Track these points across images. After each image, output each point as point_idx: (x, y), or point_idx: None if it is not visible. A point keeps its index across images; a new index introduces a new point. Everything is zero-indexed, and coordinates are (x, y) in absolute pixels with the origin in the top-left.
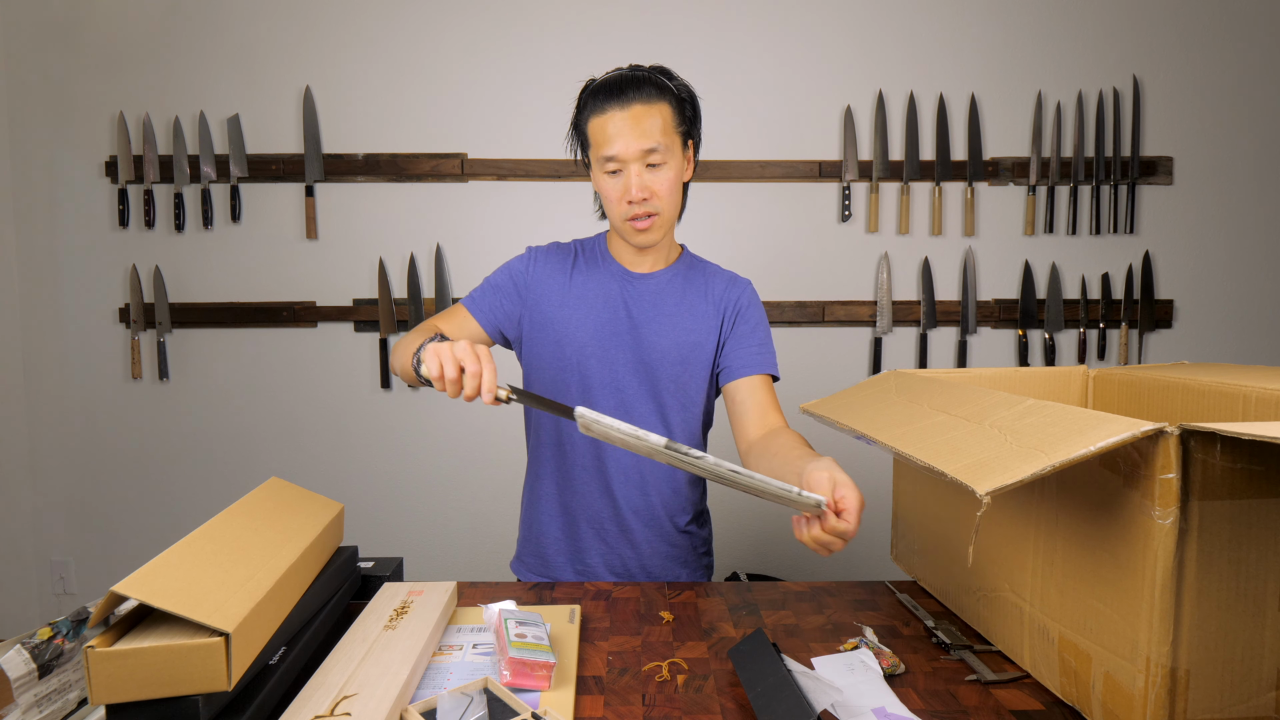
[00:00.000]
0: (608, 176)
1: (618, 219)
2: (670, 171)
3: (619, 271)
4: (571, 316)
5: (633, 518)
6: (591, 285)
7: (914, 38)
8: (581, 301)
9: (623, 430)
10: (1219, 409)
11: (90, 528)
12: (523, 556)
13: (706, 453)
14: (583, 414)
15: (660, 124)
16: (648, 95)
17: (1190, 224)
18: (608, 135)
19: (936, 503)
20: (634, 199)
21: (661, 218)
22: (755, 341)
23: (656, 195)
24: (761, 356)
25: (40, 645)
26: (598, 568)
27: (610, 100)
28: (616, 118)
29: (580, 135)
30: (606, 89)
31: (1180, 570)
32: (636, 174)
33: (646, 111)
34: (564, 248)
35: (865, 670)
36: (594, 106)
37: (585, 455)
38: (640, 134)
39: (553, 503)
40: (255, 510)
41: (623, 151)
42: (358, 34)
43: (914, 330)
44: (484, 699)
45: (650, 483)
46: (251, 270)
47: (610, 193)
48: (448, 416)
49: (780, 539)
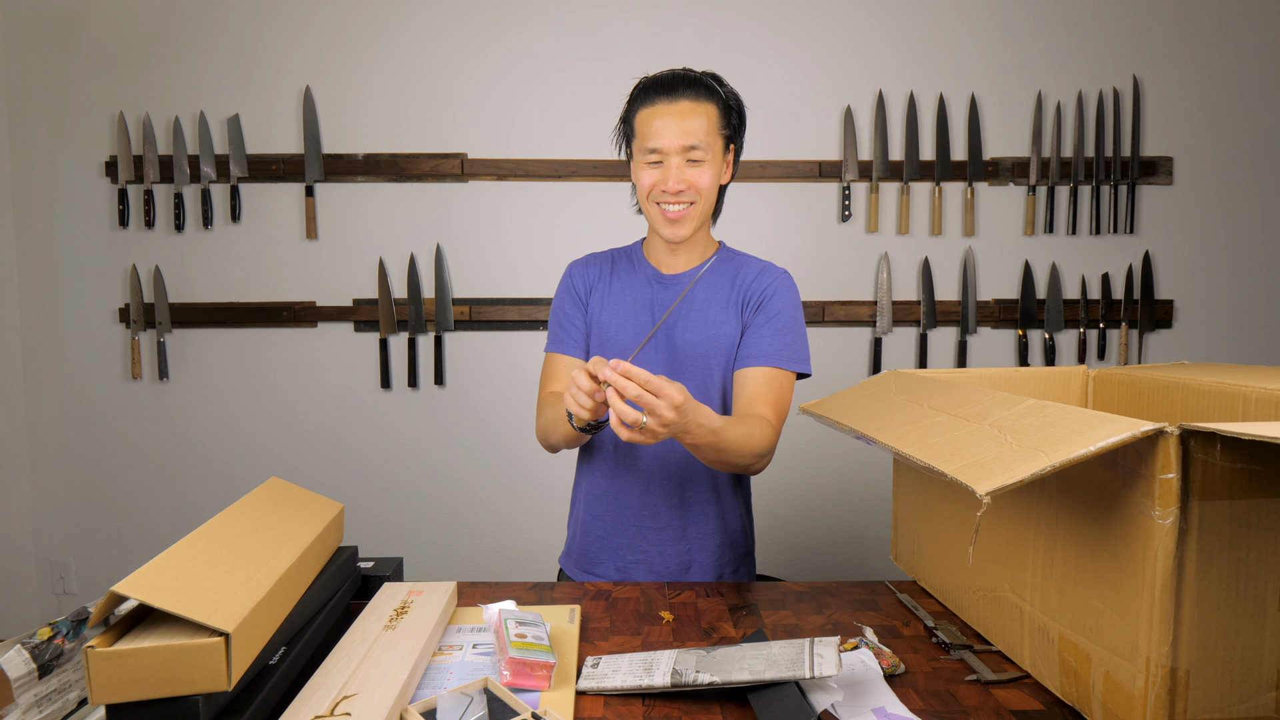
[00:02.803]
0: (648, 168)
1: (650, 205)
2: (709, 170)
3: (652, 274)
4: (611, 320)
5: (671, 513)
6: (628, 290)
7: (914, 38)
8: (620, 306)
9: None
10: (1219, 409)
11: (90, 528)
12: (570, 550)
13: (712, 674)
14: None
15: (705, 123)
16: (697, 94)
17: (1190, 224)
18: (653, 128)
19: (937, 502)
20: (670, 189)
21: (696, 208)
22: (772, 330)
23: (693, 187)
24: (773, 346)
25: (40, 645)
26: (635, 566)
27: (660, 95)
28: (664, 111)
29: (627, 128)
30: (658, 84)
31: (1180, 570)
32: (676, 167)
33: (693, 109)
34: (601, 256)
35: (865, 670)
36: (644, 100)
37: (619, 446)
38: (684, 130)
39: (598, 495)
40: (255, 510)
41: (666, 144)
42: (358, 34)
43: (914, 330)
44: (484, 699)
45: (686, 478)
46: (251, 270)
47: (646, 181)
48: (448, 416)
49: (780, 539)
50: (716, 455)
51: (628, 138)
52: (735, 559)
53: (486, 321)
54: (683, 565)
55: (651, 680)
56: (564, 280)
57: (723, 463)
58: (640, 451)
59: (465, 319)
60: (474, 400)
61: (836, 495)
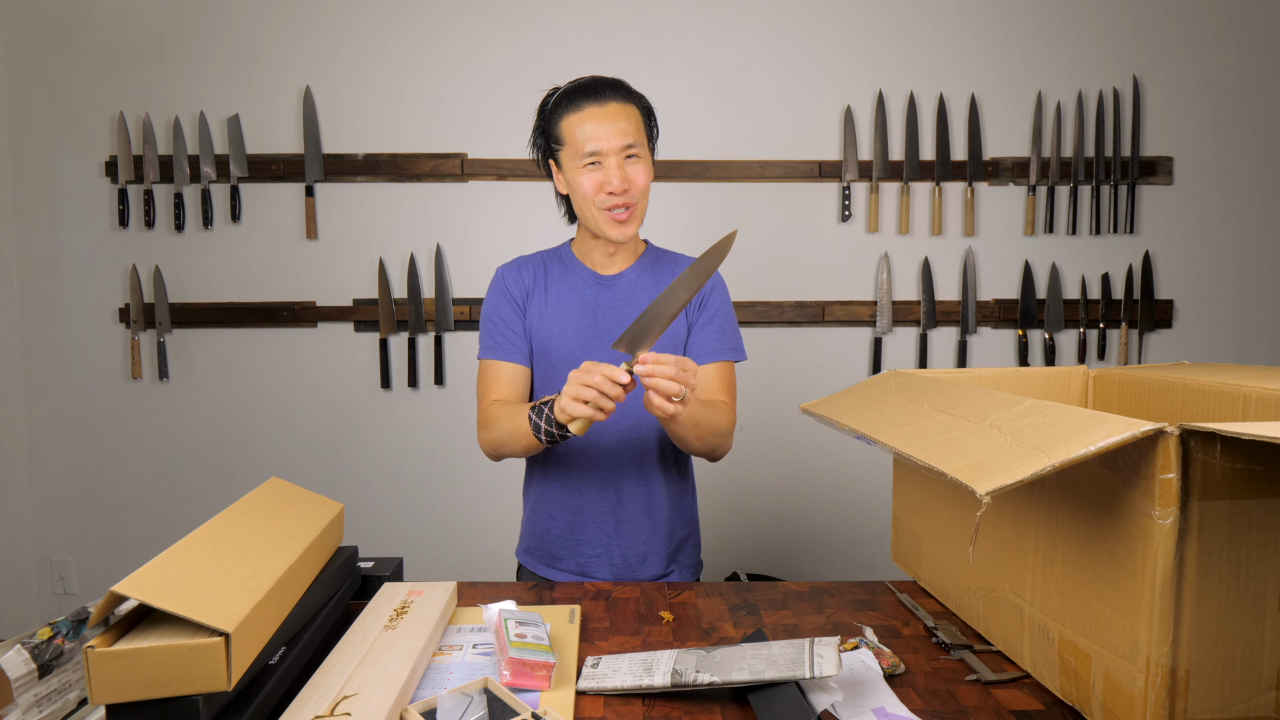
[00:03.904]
0: (585, 171)
1: (595, 210)
2: (645, 167)
3: (589, 277)
4: (550, 326)
5: (635, 507)
6: (566, 293)
7: (914, 38)
8: (559, 309)
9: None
10: (1219, 409)
11: (90, 528)
12: (526, 545)
13: (712, 674)
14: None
15: (634, 123)
16: (621, 97)
17: (1190, 224)
18: (588, 131)
19: (937, 502)
20: (615, 189)
21: (637, 209)
22: (715, 327)
23: (635, 186)
24: (719, 342)
25: (40, 645)
26: (591, 561)
27: (587, 99)
28: (595, 115)
29: (548, 138)
30: (581, 90)
31: (1180, 570)
32: (617, 166)
33: (622, 110)
34: (532, 260)
35: (865, 670)
36: (568, 106)
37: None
38: (619, 130)
39: (552, 495)
40: (255, 510)
41: (605, 145)
42: (358, 34)
43: (914, 330)
44: (484, 699)
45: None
46: (251, 270)
47: (588, 186)
48: (448, 416)
49: (780, 539)
50: (697, 431)
51: (548, 149)
52: (678, 549)
53: None
54: (640, 558)
55: (651, 680)
56: (496, 285)
57: (701, 439)
58: (594, 450)
59: (465, 319)
60: (474, 400)
61: (836, 495)
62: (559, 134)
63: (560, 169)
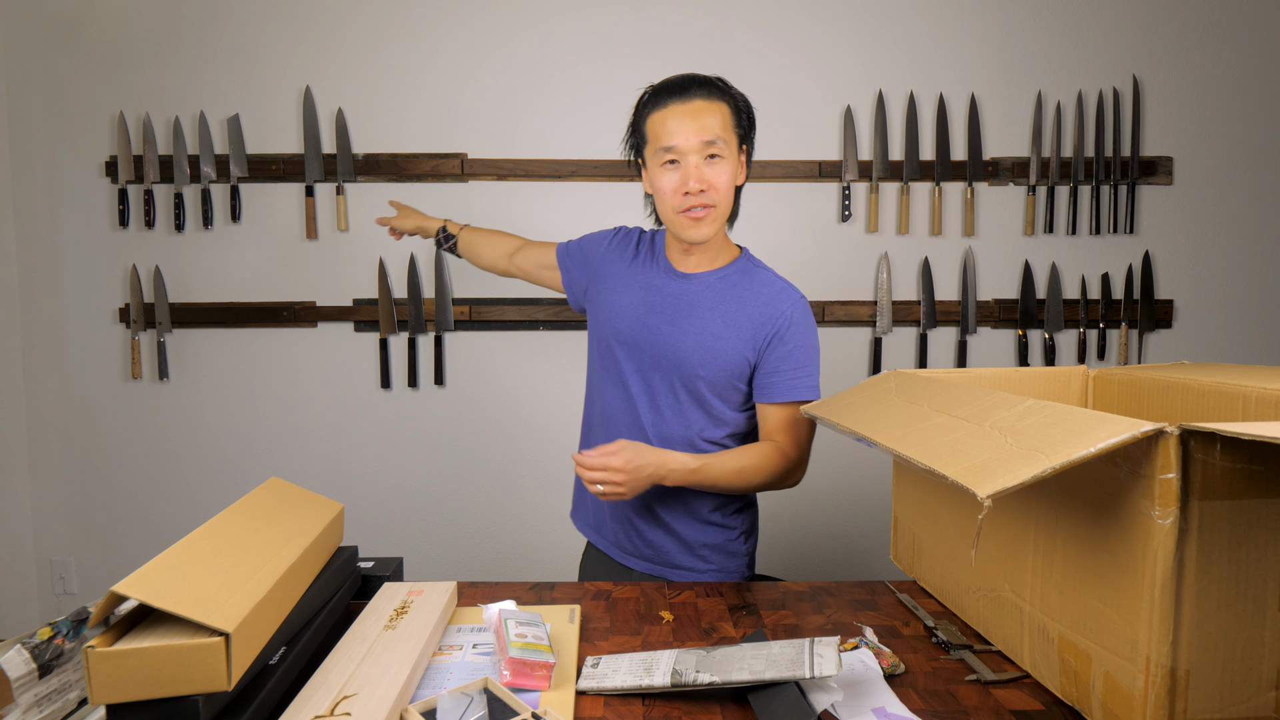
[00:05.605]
0: (664, 169)
1: (671, 211)
2: (727, 167)
3: (665, 268)
4: (617, 301)
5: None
6: (642, 277)
7: (914, 38)
8: (629, 290)
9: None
10: (1219, 409)
11: (90, 528)
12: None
13: (712, 674)
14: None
15: (720, 121)
16: (709, 93)
17: (1190, 224)
18: (668, 128)
19: (937, 502)
20: (691, 189)
21: (716, 211)
22: (790, 366)
23: (714, 188)
24: (792, 383)
25: (40, 645)
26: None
27: (672, 96)
28: (678, 111)
29: (637, 134)
30: (669, 87)
31: (1180, 570)
32: (695, 166)
33: (707, 107)
34: (632, 236)
35: (865, 670)
36: (655, 103)
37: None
38: (700, 127)
39: None
40: (255, 510)
41: (683, 143)
42: (358, 34)
43: (914, 330)
44: (484, 699)
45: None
46: (251, 270)
47: (666, 185)
48: (448, 416)
49: (780, 539)
50: (715, 490)
51: (638, 146)
52: (722, 554)
53: (486, 321)
54: (675, 552)
55: (651, 680)
56: (603, 238)
57: (735, 491)
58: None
59: (465, 319)
60: (474, 400)
61: (836, 495)
62: (644, 131)
63: (645, 167)
